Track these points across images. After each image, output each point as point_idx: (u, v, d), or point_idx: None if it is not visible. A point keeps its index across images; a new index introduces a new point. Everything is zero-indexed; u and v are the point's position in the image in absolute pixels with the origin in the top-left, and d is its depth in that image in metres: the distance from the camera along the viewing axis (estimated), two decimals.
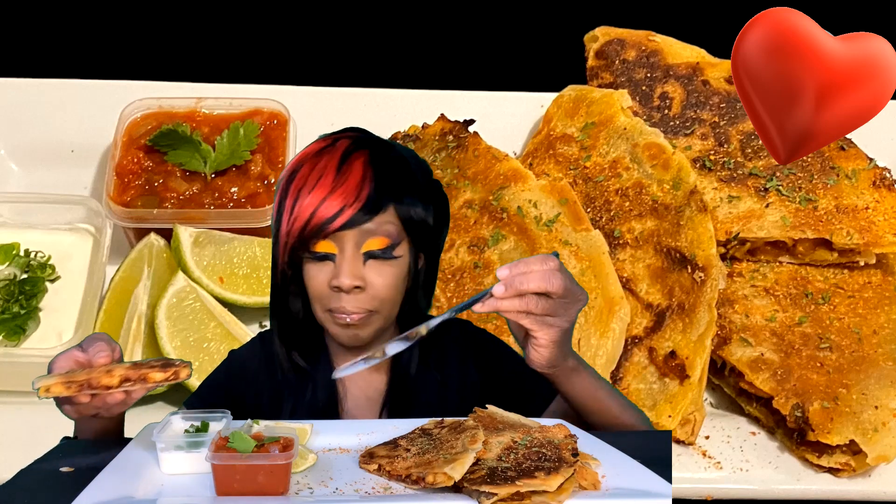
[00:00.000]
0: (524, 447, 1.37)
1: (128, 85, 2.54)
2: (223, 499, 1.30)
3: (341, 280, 1.50)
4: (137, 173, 2.33)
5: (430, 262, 1.62)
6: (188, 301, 2.20)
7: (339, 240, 1.51)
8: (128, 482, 1.33)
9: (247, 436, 1.33)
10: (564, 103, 2.46)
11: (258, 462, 1.29)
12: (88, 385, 1.35)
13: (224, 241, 2.27)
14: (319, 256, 1.52)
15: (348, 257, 1.51)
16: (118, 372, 1.37)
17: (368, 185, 1.51)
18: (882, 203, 2.28)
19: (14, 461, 1.42)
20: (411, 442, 1.43)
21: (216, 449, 1.31)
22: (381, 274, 1.53)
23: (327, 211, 1.50)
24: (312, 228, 1.50)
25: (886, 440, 2.00)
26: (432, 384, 1.64)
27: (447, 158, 2.36)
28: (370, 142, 1.58)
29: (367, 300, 1.53)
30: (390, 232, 1.52)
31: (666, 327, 2.14)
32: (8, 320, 2.14)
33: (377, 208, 1.51)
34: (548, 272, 1.41)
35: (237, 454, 1.30)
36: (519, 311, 1.42)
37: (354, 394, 1.64)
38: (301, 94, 2.55)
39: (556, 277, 1.41)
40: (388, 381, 1.64)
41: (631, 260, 2.24)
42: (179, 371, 1.40)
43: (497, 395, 1.58)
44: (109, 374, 1.37)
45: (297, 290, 1.59)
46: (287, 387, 1.64)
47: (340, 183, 1.51)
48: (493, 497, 1.26)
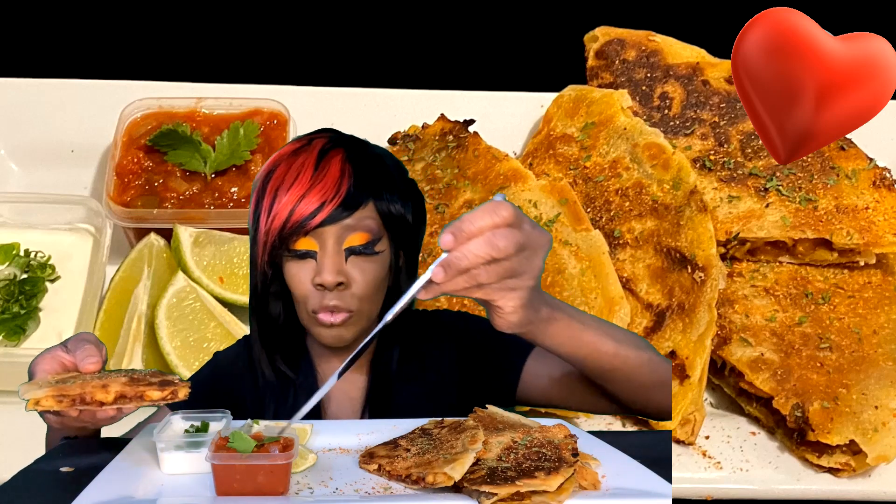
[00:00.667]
0: (524, 447, 1.37)
1: (128, 85, 2.54)
2: (223, 499, 1.30)
3: (324, 277, 1.49)
4: (137, 173, 2.33)
5: (409, 260, 1.61)
6: (188, 301, 2.20)
7: (319, 236, 1.50)
8: (128, 482, 1.33)
9: (247, 436, 1.33)
10: (564, 103, 2.46)
11: (258, 462, 1.29)
12: (81, 400, 1.29)
13: (224, 241, 2.27)
14: (300, 254, 1.51)
15: (330, 253, 1.50)
16: (114, 388, 1.32)
17: (347, 180, 1.51)
18: (882, 203, 2.28)
19: (14, 461, 1.42)
20: (411, 442, 1.43)
21: (216, 449, 1.31)
22: (363, 271, 1.52)
23: (307, 208, 1.49)
24: (292, 226, 1.49)
25: (886, 440, 2.00)
26: (413, 381, 1.63)
27: (447, 158, 2.36)
28: (345, 140, 1.58)
29: (350, 297, 1.52)
30: (371, 227, 1.52)
31: (666, 327, 2.14)
32: (8, 320, 2.14)
33: (357, 203, 1.51)
34: (491, 234, 1.24)
35: (237, 454, 1.30)
36: (468, 287, 1.27)
37: (337, 396, 1.63)
38: (301, 94, 2.55)
39: (502, 237, 1.25)
40: (370, 379, 1.64)
41: (631, 260, 2.24)
42: (178, 391, 1.36)
43: (475, 389, 1.57)
44: (105, 389, 1.31)
45: (277, 292, 1.57)
46: (269, 391, 1.63)
47: (319, 180, 1.50)
48: (493, 497, 1.26)
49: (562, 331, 1.39)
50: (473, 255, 1.24)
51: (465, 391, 1.61)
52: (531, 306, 1.32)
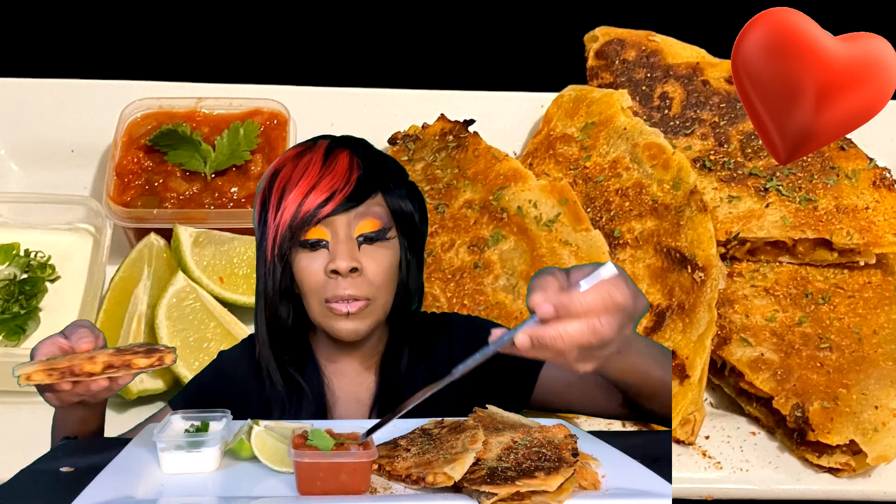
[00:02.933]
0: (524, 447, 1.37)
1: (128, 85, 2.54)
2: (223, 499, 1.30)
3: (338, 262, 1.49)
4: (137, 173, 2.33)
5: (417, 258, 1.62)
6: (188, 301, 2.20)
7: (331, 225, 1.51)
8: (128, 482, 1.33)
9: (326, 433, 1.31)
10: (564, 103, 2.46)
11: (342, 460, 1.28)
12: (70, 372, 1.32)
13: (224, 241, 2.27)
14: (312, 244, 1.51)
15: (343, 240, 1.51)
16: (101, 358, 1.34)
17: (357, 171, 1.53)
18: (882, 203, 2.28)
19: (14, 461, 1.42)
20: (411, 442, 1.43)
21: (297, 447, 1.29)
22: (375, 258, 1.52)
23: (317, 198, 1.50)
24: (303, 216, 1.50)
25: (886, 440, 2.00)
26: (422, 383, 1.63)
27: (447, 158, 2.36)
28: (350, 141, 1.60)
29: (365, 285, 1.52)
30: (381, 215, 1.53)
31: (666, 327, 2.14)
32: (8, 320, 2.14)
33: (366, 193, 1.52)
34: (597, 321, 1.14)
35: (320, 452, 1.29)
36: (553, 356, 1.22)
37: (344, 399, 1.63)
38: (301, 94, 2.55)
39: (608, 324, 1.16)
40: (378, 381, 1.64)
41: (631, 260, 2.24)
42: (164, 356, 1.37)
43: (485, 392, 1.57)
44: (92, 360, 1.33)
45: (286, 292, 1.57)
46: (274, 394, 1.63)
47: (328, 172, 1.52)
48: (493, 497, 1.26)
49: (620, 364, 1.35)
50: (570, 339, 1.17)
51: (476, 395, 1.60)
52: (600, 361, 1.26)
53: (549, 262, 2.18)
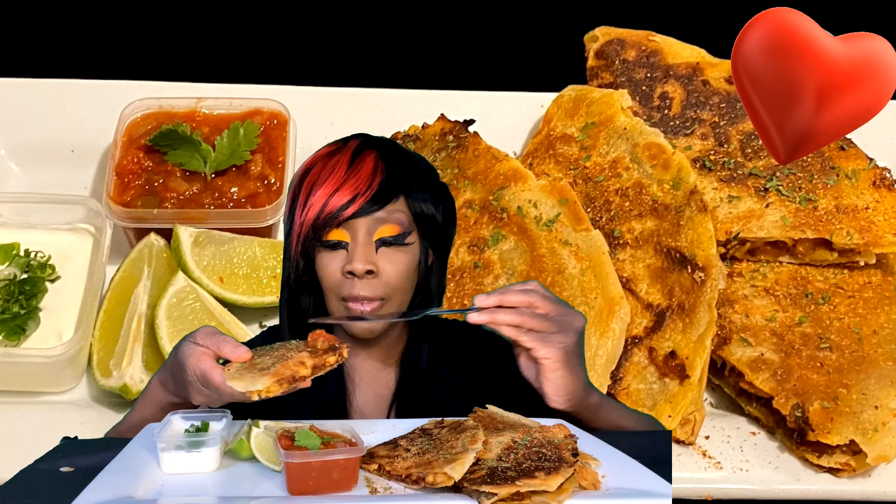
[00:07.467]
0: (524, 447, 1.38)
1: (128, 85, 2.54)
2: (223, 500, 1.30)
3: (354, 265, 1.53)
4: (137, 173, 2.33)
5: (439, 260, 1.64)
6: (188, 301, 2.20)
7: (351, 227, 1.54)
8: (128, 482, 1.33)
9: (311, 433, 1.33)
10: (564, 103, 2.46)
11: (333, 458, 1.29)
12: (293, 378, 1.39)
13: (224, 241, 2.27)
14: (332, 244, 1.55)
15: (361, 243, 1.54)
16: (309, 362, 1.40)
17: (380, 175, 1.56)
18: (882, 203, 2.28)
19: (14, 461, 1.42)
20: (411, 442, 1.43)
21: (286, 448, 1.30)
22: (392, 261, 1.55)
23: (340, 200, 1.54)
24: (325, 217, 1.53)
25: (886, 440, 2.00)
26: (441, 383, 1.65)
27: (447, 158, 2.36)
28: (379, 142, 1.63)
29: (380, 286, 1.55)
30: (401, 220, 1.56)
31: (666, 327, 2.14)
32: (8, 320, 2.14)
33: (388, 198, 1.55)
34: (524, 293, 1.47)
35: (310, 451, 1.30)
36: (510, 323, 1.46)
37: (364, 390, 1.65)
38: (301, 94, 2.55)
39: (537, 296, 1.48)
40: (399, 378, 1.65)
41: (631, 260, 2.24)
42: (342, 350, 1.45)
43: (504, 397, 1.58)
44: (303, 364, 1.40)
45: (308, 284, 1.60)
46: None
47: (352, 175, 1.55)
48: (493, 497, 1.26)
49: (607, 417, 1.57)
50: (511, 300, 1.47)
51: (494, 400, 1.61)
52: (576, 377, 1.50)
53: (548, 261, 2.18)
